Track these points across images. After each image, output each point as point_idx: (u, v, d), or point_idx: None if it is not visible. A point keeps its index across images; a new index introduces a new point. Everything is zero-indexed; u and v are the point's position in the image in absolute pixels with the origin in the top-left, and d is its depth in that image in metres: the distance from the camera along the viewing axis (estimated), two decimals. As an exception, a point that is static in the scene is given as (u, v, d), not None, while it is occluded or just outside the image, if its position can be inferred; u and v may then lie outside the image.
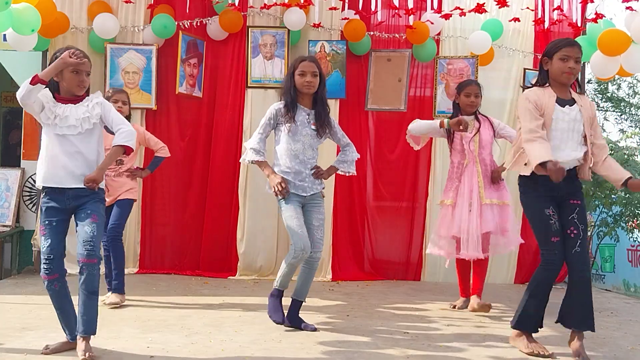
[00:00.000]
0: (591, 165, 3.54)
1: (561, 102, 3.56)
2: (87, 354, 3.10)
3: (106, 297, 4.55)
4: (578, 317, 3.49)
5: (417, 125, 4.86)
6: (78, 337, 3.19)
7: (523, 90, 3.68)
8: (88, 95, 3.41)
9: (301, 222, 3.86)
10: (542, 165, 3.34)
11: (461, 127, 4.57)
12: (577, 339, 3.48)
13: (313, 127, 3.98)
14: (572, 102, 3.58)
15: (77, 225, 3.29)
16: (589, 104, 3.63)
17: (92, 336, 3.22)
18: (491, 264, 6.29)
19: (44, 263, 3.23)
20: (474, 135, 4.77)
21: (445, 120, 4.70)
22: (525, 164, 3.53)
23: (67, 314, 3.31)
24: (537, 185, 3.50)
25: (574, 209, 3.51)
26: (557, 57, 3.55)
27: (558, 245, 3.47)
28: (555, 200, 3.54)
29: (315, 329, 3.93)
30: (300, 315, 4.02)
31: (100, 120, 3.36)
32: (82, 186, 3.25)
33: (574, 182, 3.56)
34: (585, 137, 3.54)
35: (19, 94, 3.21)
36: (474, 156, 4.76)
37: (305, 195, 3.95)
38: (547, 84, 3.61)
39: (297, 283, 4.03)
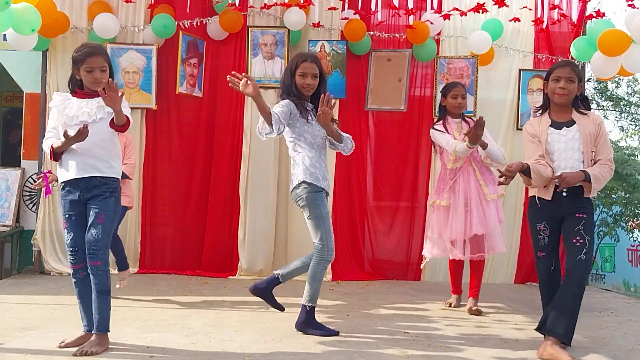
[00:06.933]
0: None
1: (558, 126, 3.67)
2: (82, 350, 3.20)
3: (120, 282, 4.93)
4: (554, 321, 3.44)
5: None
6: (93, 333, 3.33)
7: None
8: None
9: None
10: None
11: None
12: (548, 345, 3.40)
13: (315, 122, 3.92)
14: (570, 123, 3.65)
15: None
16: (591, 121, 3.64)
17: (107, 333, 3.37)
18: (491, 263, 6.33)
19: (69, 254, 3.39)
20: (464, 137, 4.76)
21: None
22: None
23: (86, 304, 3.41)
24: (537, 203, 3.68)
25: (580, 221, 3.57)
26: (550, 80, 3.68)
27: (542, 260, 3.69)
28: (556, 217, 3.64)
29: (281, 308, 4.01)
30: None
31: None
32: (93, 175, 3.30)
33: (578, 198, 3.59)
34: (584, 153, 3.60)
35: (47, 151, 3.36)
36: (467, 156, 4.75)
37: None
38: (547, 110, 3.72)
39: (292, 268, 4.03)
